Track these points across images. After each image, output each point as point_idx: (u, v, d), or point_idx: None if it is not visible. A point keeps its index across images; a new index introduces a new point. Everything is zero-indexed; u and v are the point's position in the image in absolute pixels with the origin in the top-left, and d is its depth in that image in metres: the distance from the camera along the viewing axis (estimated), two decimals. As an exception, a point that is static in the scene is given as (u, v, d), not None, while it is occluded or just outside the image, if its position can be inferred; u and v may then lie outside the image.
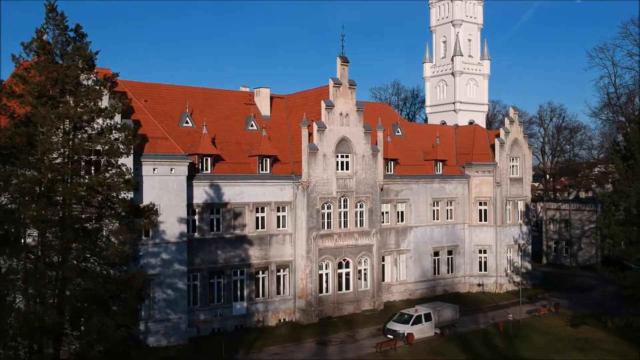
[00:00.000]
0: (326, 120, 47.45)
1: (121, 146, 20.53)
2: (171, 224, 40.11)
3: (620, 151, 40.36)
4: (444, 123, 70.00)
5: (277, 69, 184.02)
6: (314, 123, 46.99)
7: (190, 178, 42.09)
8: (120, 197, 20.58)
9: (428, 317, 41.77)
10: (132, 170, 23.81)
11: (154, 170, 39.61)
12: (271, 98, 52.68)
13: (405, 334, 39.88)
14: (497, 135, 59.05)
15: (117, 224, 20.68)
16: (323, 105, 47.40)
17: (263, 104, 51.40)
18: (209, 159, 43.68)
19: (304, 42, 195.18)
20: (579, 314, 46.87)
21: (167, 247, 40.02)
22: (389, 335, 40.46)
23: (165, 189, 39.99)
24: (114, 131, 20.74)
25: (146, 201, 38.79)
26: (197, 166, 43.11)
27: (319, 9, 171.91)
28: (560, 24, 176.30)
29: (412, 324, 40.74)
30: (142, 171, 39.10)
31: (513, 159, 59.39)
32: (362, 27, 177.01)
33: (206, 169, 43.59)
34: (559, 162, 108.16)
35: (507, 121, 59.53)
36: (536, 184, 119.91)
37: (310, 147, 46.49)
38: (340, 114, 48.21)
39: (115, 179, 20.21)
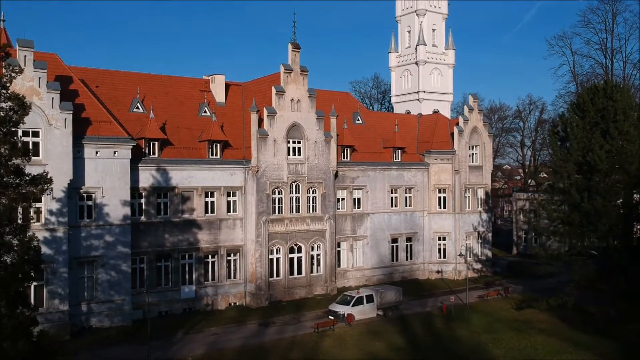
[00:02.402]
0: (277, 106, 47.81)
1: (13, 115, 20.84)
2: (114, 206, 40.49)
3: (557, 133, 40.69)
4: (408, 112, 70.34)
5: (250, 59, 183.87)
6: (264, 108, 47.36)
7: (135, 162, 42.48)
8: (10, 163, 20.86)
9: (370, 299, 42.18)
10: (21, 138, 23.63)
11: (97, 153, 39.97)
12: (228, 85, 53.10)
13: (345, 315, 40.26)
14: (457, 124, 59.37)
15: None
16: (274, 91, 47.76)
17: (218, 91, 51.77)
18: (156, 143, 44.03)
19: (276, 32, 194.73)
20: (527, 298, 47.19)
21: (110, 229, 40.38)
22: (330, 317, 40.84)
23: (108, 172, 40.35)
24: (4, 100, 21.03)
25: (89, 184, 39.75)
26: (144, 150, 43.51)
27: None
28: (561, 23, 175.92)
29: (352, 305, 41.14)
30: (84, 153, 39.49)
31: (473, 147, 59.70)
32: (350, 21, 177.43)
33: (153, 153, 43.94)
34: (542, 156, 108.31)
35: (466, 109, 59.86)
36: (517, 177, 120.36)
37: (260, 133, 46.86)
38: (292, 99, 48.55)
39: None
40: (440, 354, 34.41)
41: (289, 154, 48.52)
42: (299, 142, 49.14)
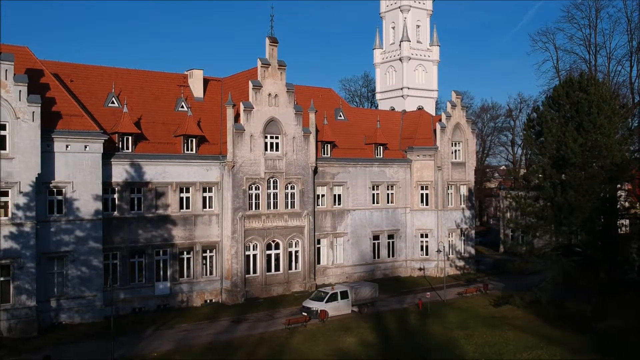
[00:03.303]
0: (254, 101, 47.32)
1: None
2: (85, 201, 39.97)
3: (533, 127, 40.21)
4: (392, 109, 69.87)
5: (237, 55, 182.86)
6: (241, 103, 46.89)
7: (108, 156, 41.99)
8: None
9: (344, 295, 41.69)
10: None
11: (67, 147, 39.44)
12: (207, 80, 52.60)
13: (318, 311, 39.77)
14: (440, 120, 58.89)
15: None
16: (250, 85, 47.26)
17: (196, 86, 51.26)
18: (129, 137, 43.53)
19: (263, 28, 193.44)
20: (505, 294, 46.64)
21: (81, 224, 39.86)
22: (303, 313, 40.34)
23: (78, 166, 39.82)
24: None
25: (59, 178, 39.28)
26: (117, 145, 43.01)
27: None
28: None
29: (326, 302, 40.65)
30: (54, 147, 38.95)
31: (455, 144, 59.22)
32: (341, 19, 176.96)
33: (127, 148, 43.45)
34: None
35: (449, 105, 59.37)
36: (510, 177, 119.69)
37: (237, 127, 46.37)
38: (269, 94, 48.06)
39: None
40: (410, 349, 33.91)
41: (266, 150, 48.02)
42: (276, 138, 48.64)
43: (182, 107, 48.92)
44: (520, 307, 41.65)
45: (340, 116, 58.40)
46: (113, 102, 45.79)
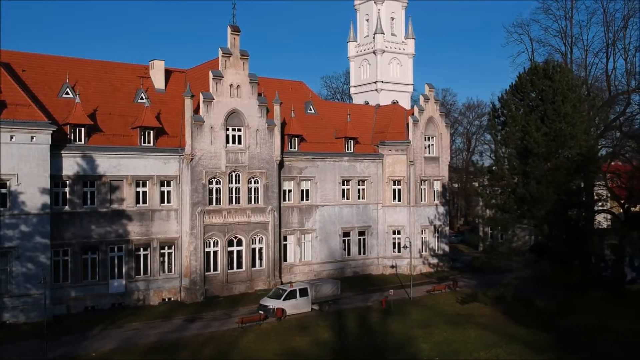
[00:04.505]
0: (214, 92, 45.64)
1: None
2: (32, 195, 38.12)
3: (498, 117, 38.72)
4: (367, 103, 68.27)
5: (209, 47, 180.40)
6: (200, 94, 45.21)
7: (58, 148, 40.24)
8: None
9: (304, 293, 40.03)
10: None
11: (12, 137, 37.60)
12: (170, 72, 50.97)
13: (275, 309, 38.10)
14: (412, 114, 57.35)
15: None
16: (211, 75, 45.60)
17: (157, 77, 49.51)
18: (82, 129, 41.75)
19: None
20: (474, 292, 45.10)
21: (27, 218, 38.02)
22: (260, 311, 38.66)
23: (24, 158, 37.98)
24: None
25: (3, 170, 37.47)
26: (69, 137, 41.25)
27: None
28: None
29: (284, 299, 38.98)
30: (-2, 138, 37.20)
31: (429, 138, 57.68)
32: (325, 18, 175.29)
33: (79, 140, 41.67)
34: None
35: (422, 99, 57.83)
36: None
37: (195, 119, 44.68)
38: (231, 85, 46.40)
39: None
40: (365, 348, 32.26)
41: (228, 142, 46.33)
42: (239, 130, 46.98)
43: (142, 98, 47.11)
44: (488, 304, 40.15)
45: (311, 110, 56.79)
46: (67, 93, 43.98)
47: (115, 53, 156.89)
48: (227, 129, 46.29)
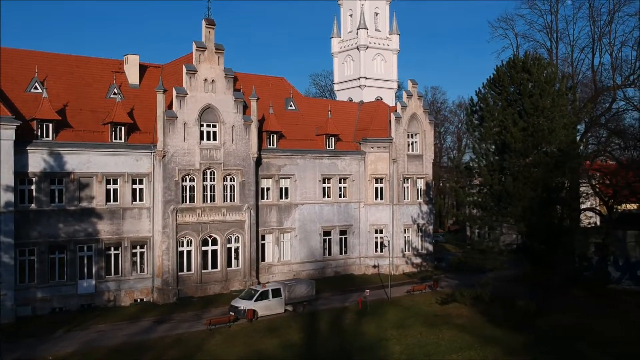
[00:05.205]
0: (188, 87, 44.43)
1: None
2: (-6, 193, 36.91)
3: (476, 112, 37.58)
4: (350, 100, 67.06)
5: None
6: (173, 89, 44.01)
7: (24, 144, 38.99)
8: None
9: (277, 293, 38.80)
10: None
11: (-27, 133, 36.41)
12: (145, 67, 49.61)
13: (245, 310, 36.88)
14: (395, 110, 56.20)
15: None
16: (184, 70, 44.39)
17: (131, 73, 48.18)
18: (50, 125, 40.46)
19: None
20: (454, 292, 43.92)
21: (-11, 217, 36.80)
22: (231, 313, 37.45)
23: (-13, 154, 36.77)
24: None
25: (-36, 166, 36.02)
26: (35, 132, 39.98)
27: None
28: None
29: (255, 300, 37.75)
30: (-42, 133, 35.94)
31: (412, 135, 56.54)
32: (313, 18, 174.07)
33: (46, 136, 40.38)
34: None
35: (404, 95, 56.68)
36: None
37: (168, 115, 43.46)
38: (205, 80, 45.19)
39: None
40: (334, 350, 31.11)
41: (202, 139, 45.13)
42: (214, 126, 45.78)
43: (115, 93, 45.87)
44: (467, 305, 39.02)
45: (291, 106, 55.58)
46: (36, 88, 42.67)
47: (90, 49, 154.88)
48: (202, 125, 45.09)
